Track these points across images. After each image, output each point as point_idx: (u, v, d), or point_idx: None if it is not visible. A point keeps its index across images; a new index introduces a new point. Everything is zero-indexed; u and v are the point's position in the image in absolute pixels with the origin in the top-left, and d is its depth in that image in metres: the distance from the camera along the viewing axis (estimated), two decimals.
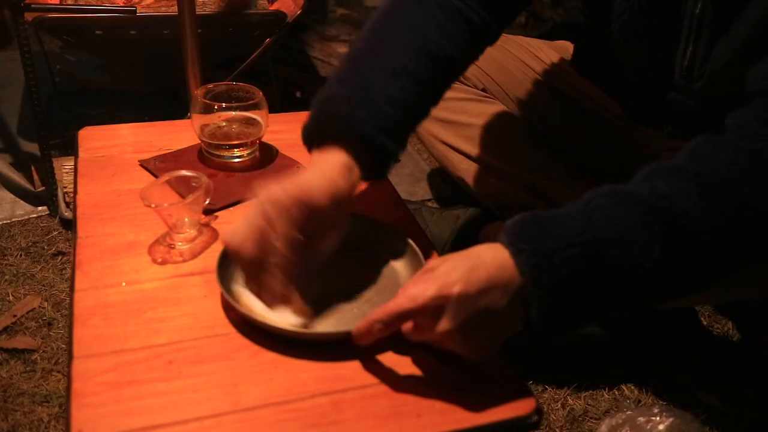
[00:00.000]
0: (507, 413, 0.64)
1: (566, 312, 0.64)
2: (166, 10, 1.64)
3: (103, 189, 0.92)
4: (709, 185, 0.66)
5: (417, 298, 0.62)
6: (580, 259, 0.62)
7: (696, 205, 0.65)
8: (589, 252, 0.62)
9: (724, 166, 0.67)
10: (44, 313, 1.19)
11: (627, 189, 0.67)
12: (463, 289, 0.62)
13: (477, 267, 0.63)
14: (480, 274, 0.63)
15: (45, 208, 1.46)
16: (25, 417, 1.00)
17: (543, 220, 0.65)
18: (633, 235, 0.63)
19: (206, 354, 0.67)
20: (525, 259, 0.62)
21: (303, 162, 1.02)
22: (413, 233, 0.88)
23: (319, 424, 0.61)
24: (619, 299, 0.66)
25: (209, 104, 0.96)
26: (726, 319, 1.28)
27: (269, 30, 1.63)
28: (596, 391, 1.10)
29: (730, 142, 0.70)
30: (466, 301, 0.62)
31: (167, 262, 0.80)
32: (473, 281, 0.62)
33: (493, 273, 0.63)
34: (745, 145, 0.68)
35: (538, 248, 0.62)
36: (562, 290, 0.62)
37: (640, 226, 0.63)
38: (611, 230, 0.63)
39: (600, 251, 0.63)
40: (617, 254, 0.63)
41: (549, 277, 0.62)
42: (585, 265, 0.62)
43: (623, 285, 0.64)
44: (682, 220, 0.64)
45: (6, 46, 2.26)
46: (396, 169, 1.82)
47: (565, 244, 0.62)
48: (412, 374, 0.67)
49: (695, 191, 0.65)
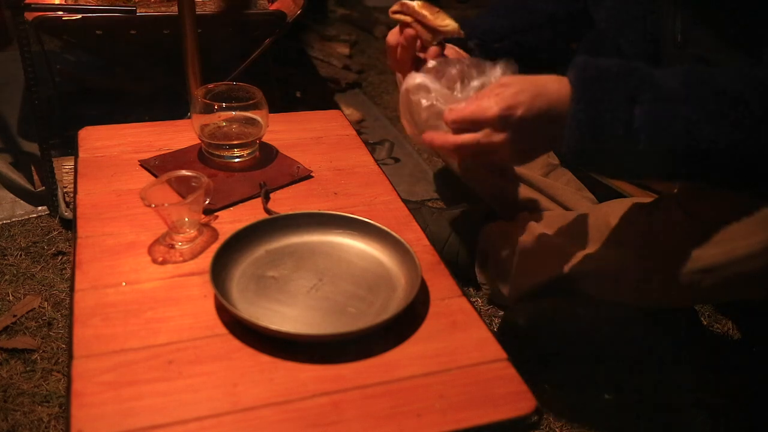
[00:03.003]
0: (507, 413, 0.64)
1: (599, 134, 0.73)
2: (166, 10, 1.64)
3: (103, 189, 0.92)
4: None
5: (486, 110, 0.75)
6: (621, 68, 0.75)
7: (724, 75, 0.74)
8: (629, 70, 0.75)
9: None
10: (44, 313, 1.19)
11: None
12: (525, 113, 0.74)
13: (541, 95, 0.75)
14: (542, 103, 0.74)
15: (45, 208, 1.46)
16: (25, 417, 1.00)
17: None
18: (670, 71, 0.75)
19: (206, 354, 0.67)
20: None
21: (303, 162, 1.02)
22: (413, 233, 0.88)
23: (319, 424, 0.61)
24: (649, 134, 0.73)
25: (209, 104, 0.96)
26: (726, 319, 1.28)
27: (269, 30, 1.63)
28: (596, 391, 1.10)
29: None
30: (525, 124, 0.74)
31: (167, 262, 0.80)
32: (535, 107, 0.74)
33: (553, 102, 0.75)
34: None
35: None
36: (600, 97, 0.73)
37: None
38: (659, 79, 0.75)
39: (639, 69, 0.75)
40: (652, 75, 0.74)
41: (593, 79, 0.74)
42: (624, 74, 0.74)
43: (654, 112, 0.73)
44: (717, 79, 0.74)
45: (6, 46, 2.26)
46: (396, 169, 1.83)
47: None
48: (412, 374, 0.67)
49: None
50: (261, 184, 0.96)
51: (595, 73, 0.74)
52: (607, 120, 0.73)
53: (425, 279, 0.78)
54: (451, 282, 0.80)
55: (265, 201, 0.93)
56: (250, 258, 0.80)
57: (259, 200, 0.93)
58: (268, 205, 0.92)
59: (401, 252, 0.81)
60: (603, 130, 0.73)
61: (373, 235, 0.83)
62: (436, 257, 0.84)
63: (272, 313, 0.73)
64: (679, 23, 0.92)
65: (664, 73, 0.76)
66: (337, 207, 0.91)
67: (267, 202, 0.93)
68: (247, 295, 0.75)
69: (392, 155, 1.82)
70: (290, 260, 0.81)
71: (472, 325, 0.74)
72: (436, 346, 0.71)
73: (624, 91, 0.73)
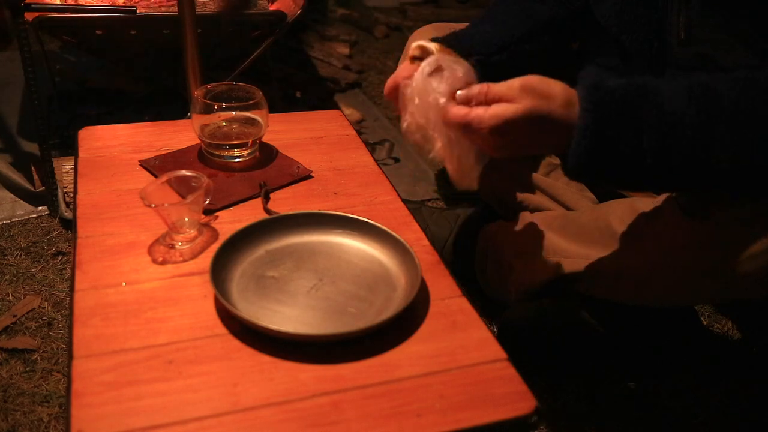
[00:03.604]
0: (507, 413, 0.64)
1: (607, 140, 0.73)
2: (166, 10, 1.64)
3: (103, 189, 0.92)
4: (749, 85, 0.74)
5: (491, 89, 0.74)
6: (630, 93, 0.74)
7: (731, 91, 0.74)
8: (637, 93, 0.74)
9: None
10: (44, 313, 1.19)
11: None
12: (523, 111, 0.73)
13: (547, 99, 0.74)
14: (544, 109, 0.73)
15: (45, 208, 1.46)
16: (25, 417, 1.00)
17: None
18: (677, 89, 0.75)
19: (206, 354, 0.67)
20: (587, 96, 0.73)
21: (303, 162, 1.02)
22: (413, 233, 0.88)
23: (319, 424, 0.61)
24: (652, 148, 0.73)
25: (209, 104, 0.96)
26: (726, 319, 1.28)
27: (269, 30, 1.63)
28: (596, 392, 1.10)
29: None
30: (519, 120, 0.73)
31: (167, 262, 0.80)
32: (536, 110, 0.73)
33: (554, 114, 0.74)
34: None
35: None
36: (610, 112, 0.72)
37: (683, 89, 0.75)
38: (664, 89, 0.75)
39: (647, 93, 0.74)
40: (660, 96, 0.74)
41: (602, 103, 0.73)
42: (632, 99, 0.73)
43: (658, 129, 0.73)
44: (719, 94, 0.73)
45: (6, 46, 2.26)
46: (396, 169, 1.83)
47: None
48: (412, 374, 0.67)
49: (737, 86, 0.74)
50: (261, 184, 0.96)
51: (605, 97, 0.73)
52: (613, 147, 0.73)
53: (425, 279, 0.78)
54: (451, 282, 0.80)
55: (265, 201, 0.93)
56: (250, 258, 0.80)
57: (259, 200, 0.93)
58: (268, 205, 0.92)
59: (401, 252, 0.81)
60: (609, 156, 0.74)
61: (373, 235, 0.83)
62: (436, 257, 0.84)
63: (272, 313, 0.73)
64: (683, 20, 0.92)
65: (670, 89, 0.75)
66: (337, 207, 0.91)
67: (267, 202, 0.93)
68: (247, 295, 0.75)
69: (392, 155, 1.82)
70: (290, 260, 0.81)
71: (472, 325, 0.74)
72: (436, 346, 0.71)
73: (631, 119, 0.73)
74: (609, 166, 0.75)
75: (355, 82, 2.25)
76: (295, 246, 0.83)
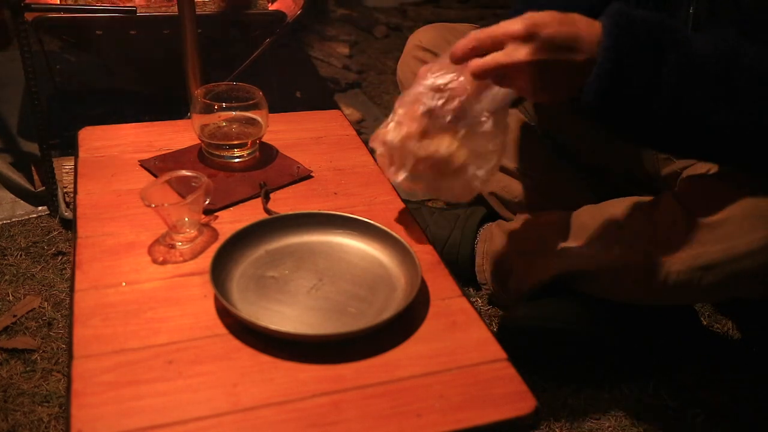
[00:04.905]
0: (507, 413, 0.64)
1: (625, 78, 0.73)
2: (166, 10, 1.64)
3: (103, 189, 0.92)
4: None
5: (511, 25, 0.73)
6: (654, 25, 0.74)
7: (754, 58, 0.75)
8: (662, 27, 0.75)
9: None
10: (44, 313, 1.19)
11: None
12: (551, 34, 0.72)
13: (569, 24, 0.74)
14: (569, 30, 0.73)
15: (45, 208, 1.46)
16: (25, 417, 1.00)
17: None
18: (702, 37, 0.76)
19: (206, 354, 0.67)
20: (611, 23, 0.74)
21: (303, 162, 1.02)
22: (413, 233, 0.88)
23: (319, 424, 0.61)
24: (669, 95, 0.74)
25: (209, 104, 0.96)
26: (726, 319, 1.28)
27: (269, 30, 1.63)
28: (596, 391, 1.10)
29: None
30: (549, 47, 0.72)
31: (167, 262, 0.80)
32: (562, 32, 0.73)
33: (581, 35, 0.74)
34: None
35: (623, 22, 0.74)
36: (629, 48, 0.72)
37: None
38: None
39: (672, 30, 0.75)
40: (685, 37, 0.75)
41: (624, 37, 0.73)
42: (656, 30, 0.74)
43: (678, 75, 0.73)
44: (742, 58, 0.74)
45: (6, 46, 2.26)
46: None
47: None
48: (412, 374, 0.67)
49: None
50: (261, 184, 0.96)
51: (628, 24, 0.74)
52: (632, 74, 0.73)
53: (425, 279, 0.78)
54: (451, 282, 0.80)
55: (265, 201, 0.93)
56: (250, 258, 0.80)
57: (259, 200, 0.93)
58: (268, 205, 0.92)
59: (401, 252, 0.81)
60: (626, 83, 0.74)
61: (373, 235, 0.83)
62: (436, 257, 0.84)
63: (272, 313, 0.73)
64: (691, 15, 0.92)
65: (696, 36, 0.76)
66: (337, 207, 0.91)
67: (267, 202, 0.93)
68: (247, 295, 0.75)
69: None
70: (290, 260, 0.81)
71: (472, 325, 0.74)
72: (436, 346, 0.71)
73: (653, 48, 0.74)
74: (625, 99, 0.75)
75: (354, 82, 2.25)
76: (295, 246, 0.83)
